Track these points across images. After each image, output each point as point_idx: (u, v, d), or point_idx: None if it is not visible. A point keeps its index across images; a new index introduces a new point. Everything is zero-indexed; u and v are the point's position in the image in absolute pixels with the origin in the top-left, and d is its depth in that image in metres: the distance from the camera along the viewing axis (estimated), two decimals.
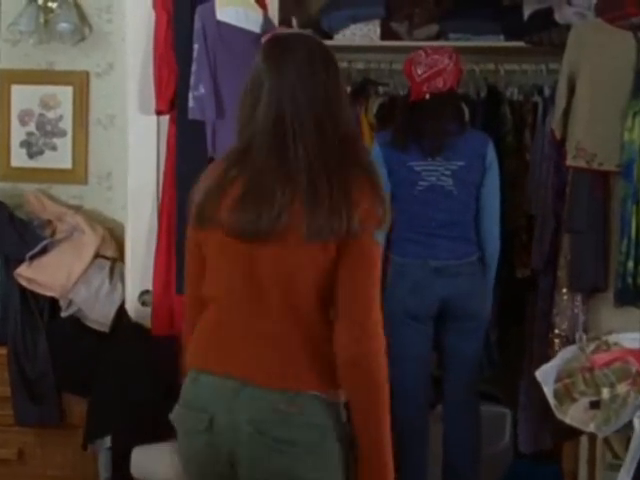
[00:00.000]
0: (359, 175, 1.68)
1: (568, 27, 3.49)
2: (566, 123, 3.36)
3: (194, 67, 3.17)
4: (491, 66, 3.80)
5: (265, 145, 1.65)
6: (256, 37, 3.32)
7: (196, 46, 3.19)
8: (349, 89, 3.77)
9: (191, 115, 3.17)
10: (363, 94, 3.91)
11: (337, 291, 1.67)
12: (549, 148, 3.56)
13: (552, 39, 3.61)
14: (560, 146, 3.43)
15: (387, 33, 3.89)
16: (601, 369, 2.80)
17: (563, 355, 3.02)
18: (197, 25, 3.18)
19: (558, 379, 2.83)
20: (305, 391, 1.67)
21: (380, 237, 1.77)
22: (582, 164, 3.33)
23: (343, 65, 3.66)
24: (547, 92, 3.67)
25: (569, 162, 3.33)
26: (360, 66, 3.90)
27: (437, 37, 3.86)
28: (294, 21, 3.94)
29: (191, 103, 3.15)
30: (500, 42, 3.77)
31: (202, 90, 3.15)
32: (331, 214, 1.61)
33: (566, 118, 3.35)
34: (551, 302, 3.58)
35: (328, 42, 3.56)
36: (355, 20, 3.87)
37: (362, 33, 3.88)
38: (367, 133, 3.80)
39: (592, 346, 2.95)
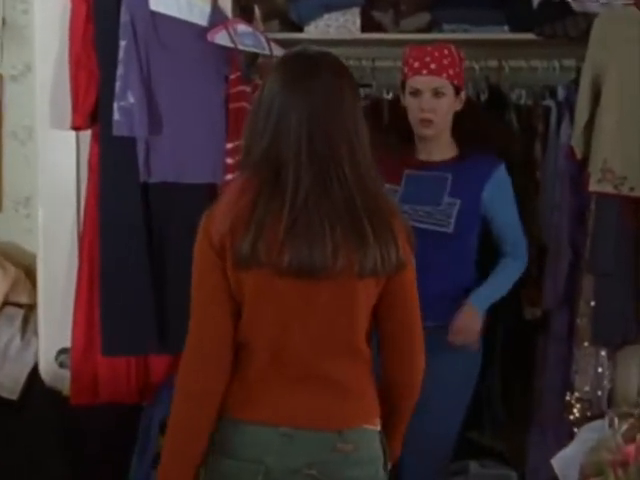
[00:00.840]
0: (387, 205, 1.71)
1: (586, 15, 3.11)
2: (589, 139, 2.84)
3: (120, 70, 2.66)
4: (493, 63, 3.39)
5: (304, 178, 1.61)
6: (201, 32, 2.85)
7: (123, 43, 2.68)
8: None
9: (117, 131, 2.65)
10: None
11: (387, 322, 1.75)
12: (565, 163, 3.11)
13: (567, 30, 3.14)
14: (581, 166, 2.92)
15: (368, 24, 3.41)
16: (638, 463, 2.16)
17: (586, 435, 2.43)
18: (124, 17, 2.69)
19: (583, 475, 2.19)
20: (357, 426, 1.73)
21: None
22: (609, 189, 2.83)
23: None
24: (561, 94, 3.21)
25: (593, 187, 2.81)
26: None
27: (429, 28, 3.39)
28: (256, 11, 3.37)
29: (117, 116, 2.65)
30: (504, 34, 3.32)
31: (131, 99, 2.67)
32: (379, 248, 1.64)
33: (589, 133, 2.82)
34: (567, 351, 3.16)
35: (298, 35, 3.28)
36: (329, 9, 3.37)
37: (338, 24, 3.38)
38: None
39: (624, 426, 2.37)
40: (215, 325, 1.68)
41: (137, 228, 2.72)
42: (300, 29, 3.42)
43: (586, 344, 2.95)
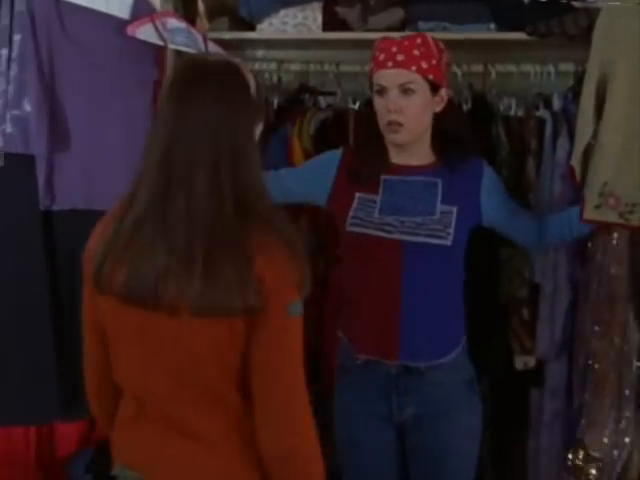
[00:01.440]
0: (265, 238, 1.54)
1: (588, 11, 2.72)
2: (586, 159, 2.36)
3: (14, 71, 2.27)
4: (478, 67, 3.13)
5: (147, 191, 1.54)
6: (121, 26, 2.44)
7: (17, 38, 2.28)
8: (276, 102, 3.03)
9: (8, 146, 2.26)
10: (297, 107, 3.04)
11: (251, 377, 1.56)
12: (562, 185, 2.71)
13: (565, 28, 2.76)
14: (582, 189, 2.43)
15: (331, 21, 3.04)
16: None
17: None
18: (19, 6, 2.31)
19: None
20: None
21: (299, 307, 1.56)
22: (612, 219, 2.33)
23: (270, 67, 3.10)
24: (557, 104, 2.87)
25: (588, 215, 2.32)
26: (294, 68, 3.21)
27: (402, 26, 3.00)
28: (200, 6, 2.98)
29: (8, 128, 2.27)
30: (491, 33, 2.97)
31: (27, 107, 2.29)
32: (217, 286, 1.49)
33: (587, 151, 2.34)
34: (566, 406, 2.80)
35: (249, 35, 3.00)
36: (286, 4, 2.99)
37: (296, 22, 3.03)
38: (299, 161, 2.87)
39: None
40: (89, 356, 1.72)
41: (37, 268, 2.33)
42: (251, 27, 3.08)
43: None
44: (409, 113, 2.22)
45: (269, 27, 3.03)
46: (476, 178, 2.35)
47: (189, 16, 3.00)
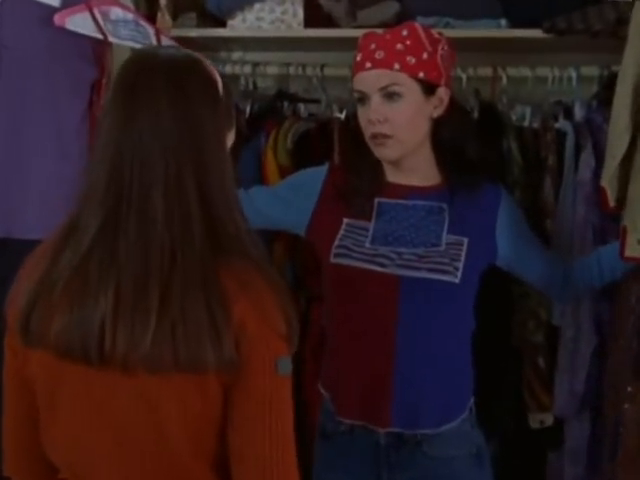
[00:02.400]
0: (244, 276, 1.34)
1: (616, 3, 2.55)
2: (624, 175, 2.02)
3: None
4: (486, 71, 2.87)
5: (92, 218, 1.35)
6: (49, 14, 2.15)
7: None
8: (249, 109, 2.73)
9: None
10: (273, 116, 2.74)
11: (231, 460, 1.35)
12: (587, 211, 2.48)
13: (589, 24, 2.58)
14: (613, 216, 2.17)
15: (315, 16, 2.86)
16: None
17: None
18: None
19: None
20: None
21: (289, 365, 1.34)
22: None
23: (245, 70, 2.81)
24: (580, 113, 2.67)
25: (631, 251, 1.99)
26: (271, 71, 2.88)
27: (397, 22, 2.74)
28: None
29: None
30: (501, 31, 2.84)
31: None
32: (180, 334, 1.28)
33: (627, 167, 2.00)
34: (588, 472, 2.54)
35: (218, 32, 2.80)
36: None
37: (274, 17, 2.84)
38: (273, 179, 2.56)
39: None
40: (12, 426, 1.52)
41: None
42: (222, 24, 2.86)
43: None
44: (396, 122, 1.88)
45: (242, 23, 2.83)
46: (492, 206, 2.02)
47: (152, 12, 2.75)
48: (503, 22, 2.81)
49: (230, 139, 1.48)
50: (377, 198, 1.98)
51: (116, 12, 2.21)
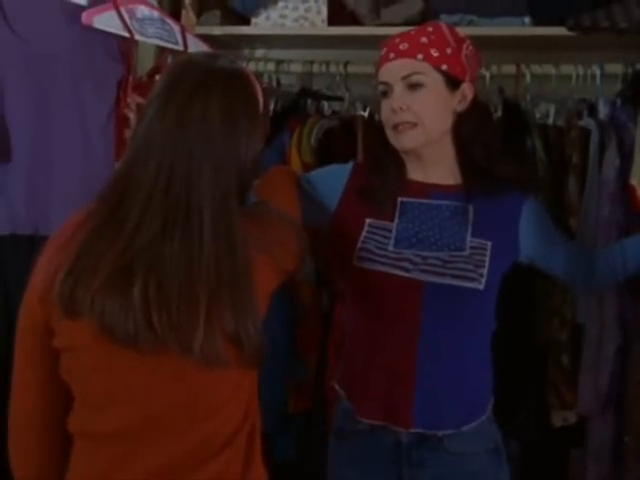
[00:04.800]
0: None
1: None
2: None
3: None
4: (510, 69, 2.89)
5: (153, 215, 1.37)
6: (77, 12, 2.13)
7: None
8: (272, 106, 2.70)
9: None
10: (297, 114, 2.73)
11: None
12: (612, 209, 2.45)
13: (614, 22, 2.56)
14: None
15: (338, 14, 2.86)
16: None
17: None
18: None
19: None
20: None
21: None
22: None
23: (268, 68, 2.85)
24: (604, 111, 2.66)
25: None
26: (295, 68, 2.93)
27: (421, 20, 2.74)
28: None
29: None
30: (526, 29, 2.82)
31: None
32: (222, 329, 1.36)
33: None
34: (612, 472, 2.51)
35: (242, 30, 2.81)
36: None
37: (298, 15, 2.85)
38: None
39: None
40: (32, 396, 1.51)
41: None
42: (246, 21, 2.88)
43: None
44: (419, 110, 1.84)
45: (266, 21, 2.84)
46: (516, 204, 1.95)
47: (176, 10, 2.73)
48: (527, 20, 2.79)
49: (262, 148, 1.51)
50: (400, 197, 1.92)
51: (142, 10, 2.20)
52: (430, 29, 1.88)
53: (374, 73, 2.04)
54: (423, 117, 1.83)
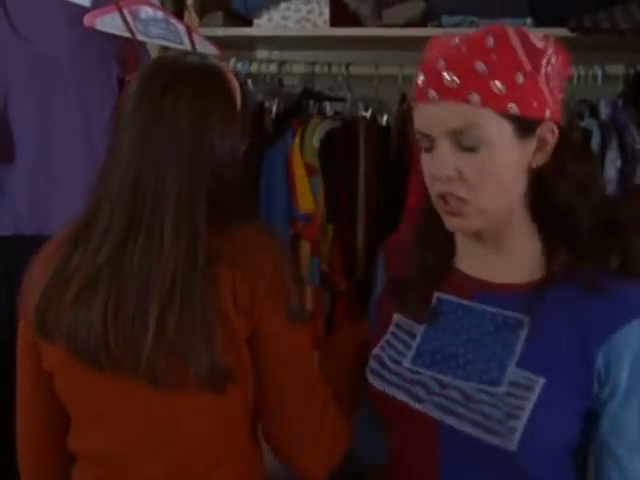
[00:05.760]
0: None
1: None
2: None
3: None
4: None
5: (120, 221, 1.33)
6: (80, 14, 2.11)
7: None
8: (275, 108, 2.69)
9: None
10: (299, 115, 2.69)
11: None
12: None
13: (615, 23, 2.55)
14: None
15: (341, 16, 2.81)
16: None
17: None
18: None
19: None
20: None
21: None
22: None
23: (271, 69, 2.78)
24: (606, 112, 2.63)
25: None
26: (297, 69, 2.85)
27: (422, 21, 2.77)
28: None
29: None
30: (527, 30, 2.55)
31: None
32: (169, 352, 1.28)
33: None
34: None
35: (245, 31, 2.78)
36: None
37: (300, 16, 2.81)
38: (300, 178, 2.53)
39: None
40: (35, 413, 1.51)
41: None
42: (248, 22, 2.83)
43: None
44: (478, 182, 1.24)
45: (268, 23, 2.80)
46: (605, 326, 1.23)
47: (179, 11, 2.72)
48: (529, 21, 2.73)
49: (242, 149, 1.43)
50: (437, 293, 1.40)
51: (146, 11, 2.17)
52: (490, 42, 1.21)
53: (380, 74, 1.88)
54: (480, 193, 1.24)
